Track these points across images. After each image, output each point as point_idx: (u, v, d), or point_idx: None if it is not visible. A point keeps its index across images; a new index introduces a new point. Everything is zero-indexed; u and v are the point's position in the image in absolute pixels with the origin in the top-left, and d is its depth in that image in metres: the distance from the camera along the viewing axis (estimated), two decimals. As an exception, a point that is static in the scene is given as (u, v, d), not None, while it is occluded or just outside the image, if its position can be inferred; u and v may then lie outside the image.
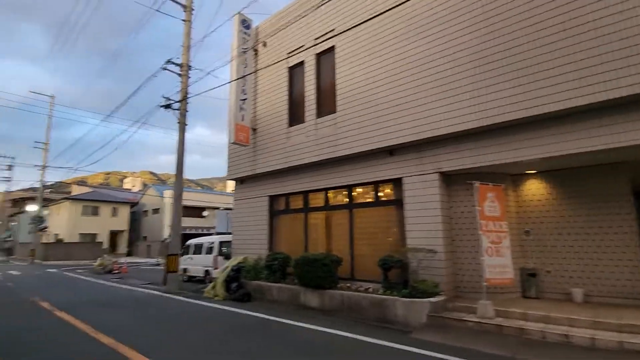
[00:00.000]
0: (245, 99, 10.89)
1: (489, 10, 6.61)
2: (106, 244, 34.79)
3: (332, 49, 9.29)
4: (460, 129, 6.67)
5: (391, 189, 8.22)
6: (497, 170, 7.00)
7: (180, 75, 12.16)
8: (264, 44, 11.17)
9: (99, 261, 20.33)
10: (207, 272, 13.20)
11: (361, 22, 7.87)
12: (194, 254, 14.31)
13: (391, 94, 7.82)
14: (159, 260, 28.49)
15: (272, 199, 10.78)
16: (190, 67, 12.27)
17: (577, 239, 6.78)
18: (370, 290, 7.41)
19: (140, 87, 13.26)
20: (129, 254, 36.52)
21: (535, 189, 7.37)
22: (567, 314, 5.56)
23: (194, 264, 14.09)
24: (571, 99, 5.58)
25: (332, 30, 9.16)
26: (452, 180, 7.48)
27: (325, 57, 9.60)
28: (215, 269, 12.64)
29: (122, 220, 38.36)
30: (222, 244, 13.16)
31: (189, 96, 12.18)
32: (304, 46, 9.94)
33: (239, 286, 9.54)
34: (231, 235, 12.40)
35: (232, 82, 10.89)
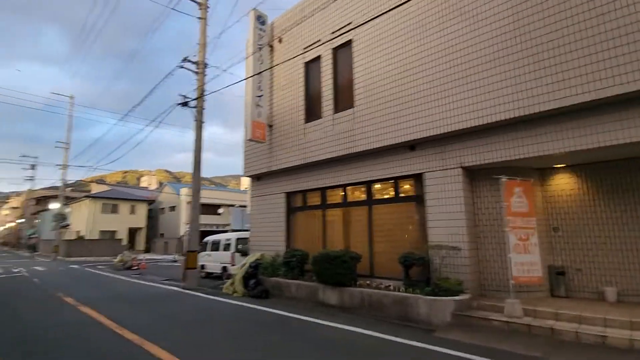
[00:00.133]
0: (261, 96, 10.85)
1: (516, -3, 6.33)
2: (125, 241, 35.58)
3: (349, 42, 9.13)
4: (486, 122, 6.43)
5: (412, 185, 8.04)
6: (523, 164, 6.73)
7: (196, 73, 12.21)
8: (280, 40, 11.10)
9: (119, 257, 20.78)
10: (224, 269, 13.29)
11: (380, 14, 7.69)
12: (211, 250, 14.43)
13: (412, 87, 7.63)
14: (176, 256, 28.98)
15: (289, 196, 10.72)
16: (206, 65, 12.32)
17: (610, 235, 6.47)
18: (391, 287, 7.27)
19: (157, 85, 13.40)
20: (147, 250, 37.27)
21: (564, 183, 7.07)
22: (602, 313, 5.30)
23: (211, 261, 14.21)
24: (605, 88, 5.29)
25: (350, 23, 9.00)
26: (476, 175, 7.25)
27: (342, 51, 9.45)
28: (232, 265, 12.72)
29: (140, 217, 39.17)
30: (238, 241, 13.21)
31: (206, 94, 12.23)
32: (320, 40, 9.81)
33: (257, 283, 9.54)
34: (248, 232, 12.44)
35: (248, 79, 10.86)
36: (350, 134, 8.74)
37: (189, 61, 12.09)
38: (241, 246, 13.02)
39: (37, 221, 46.90)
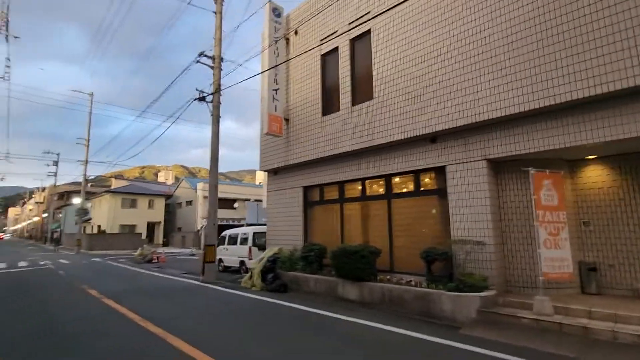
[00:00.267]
0: (277, 89, 10.76)
1: (546, -20, 6.01)
2: (144, 235, 36.39)
3: (367, 33, 8.92)
4: (514, 112, 6.16)
5: (433, 178, 7.84)
6: (552, 155, 6.45)
7: (212, 67, 12.21)
8: (296, 32, 10.96)
9: (139, 251, 21.26)
10: (242, 263, 13.39)
11: (398, 2, 7.46)
12: (228, 244, 14.55)
13: (433, 77, 7.39)
14: (194, 250, 29.47)
15: (307, 190, 10.66)
16: (222, 59, 12.30)
17: (646, 230, 6.15)
18: (412, 283, 7.14)
19: (174, 80, 13.47)
20: (165, 244, 38.04)
21: (595, 175, 6.75)
22: (639, 312, 5.04)
23: (229, 255, 14.33)
24: (646, 74, 4.97)
25: (368, 13, 8.78)
26: (501, 167, 6.99)
27: (360, 42, 9.24)
28: (249, 259, 12.80)
29: (158, 212, 39.94)
30: (256, 235, 13.27)
31: (222, 88, 12.23)
32: (337, 32, 9.63)
33: (275, 277, 9.55)
34: (264, 226, 12.45)
35: (264, 73, 10.78)
36: (369, 126, 8.57)
37: (205, 56, 12.09)
38: (258, 240, 13.09)
39: (60, 215, 48.47)
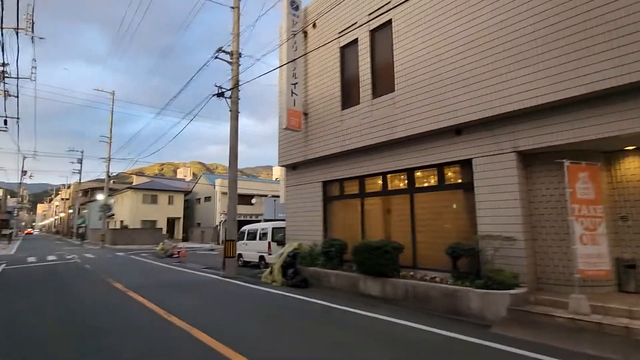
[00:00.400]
0: (296, 84, 10.66)
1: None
2: (165, 230, 37.21)
3: (388, 23, 8.67)
4: (548, 100, 5.83)
5: (458, 172, 7.59)
6: (588, 147, 6.10)
7: (230, 63, 12.21)
8: (314, 25, 10.79)
9: (160, 246, 21.71)
10: (261, 258, 13.45)
11: (422, -11, 7.20)
12: (247, 240, 14.64)
13: (459, 67, 7.11)
14: (213, 245, 29.93)
15: (326, 185, 10.55)
16: (240, 55, 12.28)
17: (691, 225, 5.76)
18: (437, 279, 6.95)
19: (193, 76, 13.57)
20: (185, 239, 38.81)
21: (634, 167, 6.36)
22: (687, 313, 4.72)
23: (248, 250, 14.43)
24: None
25: (389, 2, 8.53)
26: (531, 160, 6.68)
27: (380, 33, 9.01)
28: (269, 254, 12.83)
29: (177, 207, 40.75)
30: (275, 231, 13.29)
31: (240, 83, 12.22)
32: (356, 23, 9.41)
33: (295, 272, 9.52)
34: (283, 221, 12.44)
35: (282, 67, 10.70)
36: (390, 119, 8.36)
37: (223, 51, 12.09)
38: (277, 235, 13.10)
39: (85, 211, 50.12)
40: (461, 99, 7.05)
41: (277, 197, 22.28)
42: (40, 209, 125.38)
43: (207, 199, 40.21)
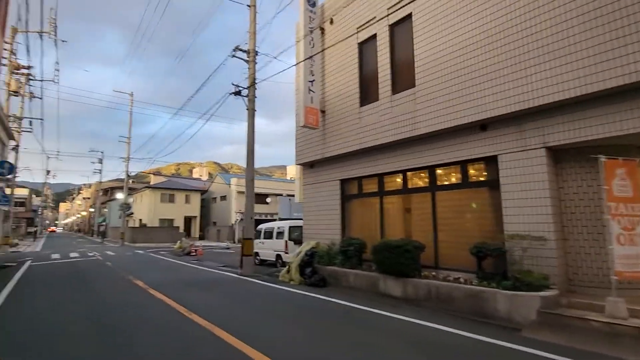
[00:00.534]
0: (313, 81, 10.56)
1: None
2: (182, 229, 37.80)
3: (408, 17, 8.47)
4: (583, 93, 5.52)
5: (482, 169, 7.34)
6: (624, 141, 5.76)
7: (247, 61, 12.21)
8: (331, 21, 10.67)
9: (178, 244, 22.03)
10: (278, 257, 13.43)
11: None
12: (264, 238, 14.65)
13: (484, 60, 6.86)
14: (229, 244, 30.19)
15: (344, 183, 10.41)
16: (257, 53, 12.27)
17: None
18: (461, 280, 6.73)
19: (211, 75, 13.68)
20: (201, 237, 39.33)
21: (675, 163, 5.98)
22: None
23: (265, 248, 14.43)
24: None
25: (409, -5, 8.32)
26: (562, 155, 6.38)
27: (400, 27, 8.81)
28: (285, 253, 12.80)
29: (194, 206, 41.34)
30: (291, 229, 13.24)
31: (257, 82, 12.21)
32: (375, 18, 9.24)
33: (313, 271, 9.43)
34: (299, 220, 12.37)
35: (299, 64, 10.62)
36: (410, 115, 8.16)
37: (240, 50, 12.11)
38: (294, 234, 13.05)
39: (106, 210, 51.48)
40: (487, 93, 6.79)
41: (292, 196, 22.28)
42: (62, 207, 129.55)
43: (223, 198, 40.64)
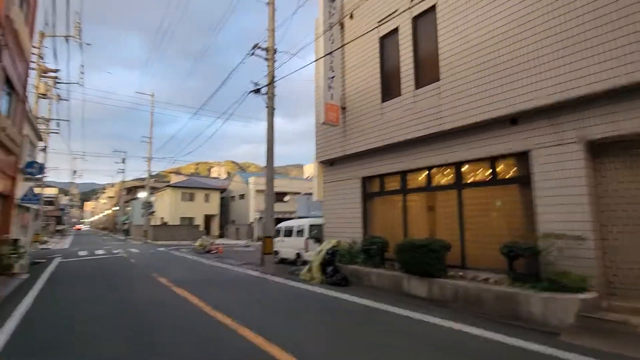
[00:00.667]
0: (333, 77, 10.41)
1: None
2: (202, 227, 38.44)
3: (432, 8, 8.20)
4: (630, 81, 5.16)
5: (512, 165, 7.02)
6: (671, 134, 5.37)
7: (266, 59, 12.19)
8: (351, 16, 10.49)
9: (198, 242, 22.37)
10: (298, 255, 13.39)
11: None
12: (284, 237, 14.64)
13: (514, 50, 6.54)
14: (248, 242, 30.49)
15: (365, 181, 10.23)
16: (275, 51, 12.23)
17: None
18: (490, 281, 6.47)
19: (230, 73, 13.74)
20: (221, 236, 39.89)
21: None
22: None
23: (285, 247, 14.42)
24: None
25: (433, -14, 8.06)
26: (601, 150, 6.00)
27: (423, 20, 8.55)
28: (306, 251, 12.73)
29: (213, 205, 41.97)
30: (312, 227, 13.16)
31: (276, 79, 12.17)
32: (397, 11, 9.00)
33: (335, 270, 9.31)
34: (319, 218, 12.28)
35: (319, 60, 10.49)
36: (435, 110, 7.91)
37: (259, 48, 12.10)
38: (314, 232, 12.97)
39: (129, 209, 52.97)
40: (516, 86, 6.48)
41: (310, 194, 22.23)
42: (88, 206, 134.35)
43: (241, 196, 41.06)
